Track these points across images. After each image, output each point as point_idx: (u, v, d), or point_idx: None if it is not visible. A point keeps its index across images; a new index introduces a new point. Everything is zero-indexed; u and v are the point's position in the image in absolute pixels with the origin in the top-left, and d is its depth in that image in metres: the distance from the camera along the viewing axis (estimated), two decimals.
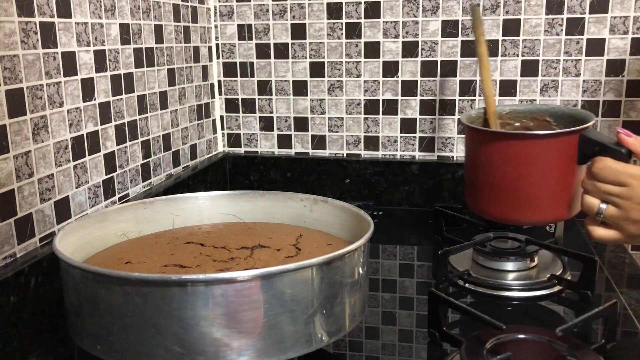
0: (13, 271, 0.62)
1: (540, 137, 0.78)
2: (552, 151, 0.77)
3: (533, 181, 0.77)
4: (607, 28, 1.02)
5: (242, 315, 0.50)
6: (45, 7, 0.70)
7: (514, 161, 0.78)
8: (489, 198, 0.81)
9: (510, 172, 0.78)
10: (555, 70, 1.05)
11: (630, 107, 1.04)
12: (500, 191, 0.79)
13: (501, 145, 0.79)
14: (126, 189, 0.88)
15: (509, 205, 0.80)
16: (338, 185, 1.15)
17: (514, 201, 0.79)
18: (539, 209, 0.79)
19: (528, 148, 0.77)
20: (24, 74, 0.67)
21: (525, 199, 0.78)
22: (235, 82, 1.18)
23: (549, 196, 0.78)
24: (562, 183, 0.78)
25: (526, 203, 0.78)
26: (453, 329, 0.66)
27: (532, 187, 0.78)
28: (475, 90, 1.09)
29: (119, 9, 0.85)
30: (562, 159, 0.77)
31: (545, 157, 0.76)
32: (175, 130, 1.03)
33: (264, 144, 1.20)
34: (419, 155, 1.14)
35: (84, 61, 0.77)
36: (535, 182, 0.77)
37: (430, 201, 1.11)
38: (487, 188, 0.81)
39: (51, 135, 0.72)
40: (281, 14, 1.13)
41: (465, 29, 1.07)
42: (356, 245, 0.57)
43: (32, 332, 0.65)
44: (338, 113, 1.15)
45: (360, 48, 1.11)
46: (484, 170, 0.81)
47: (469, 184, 0.86)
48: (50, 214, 0.72)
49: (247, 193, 0.76)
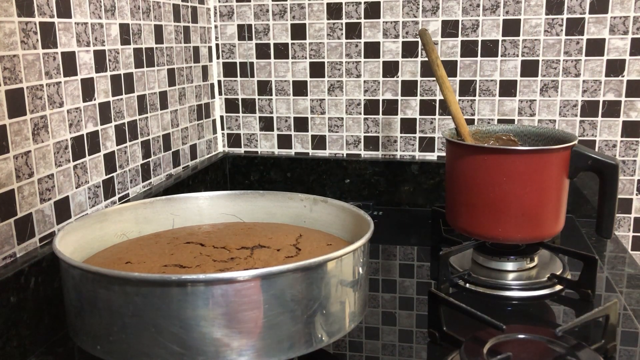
0: (13, 271, 0.62)
1: (531, 153, 0.77)
2: (546, 166, 0.76)
3: (527, 198, 0.76)
4: (607, 28, 1.02)
5: (242, 315, 0.50)
6: (45, 7, 0.70)
7: (516, 178, 0.76)
8: (474, 216, 0.80)
9: (504, 189, 0.77)
10: (555, 70, 1.05)
11: (630, 107, 1.04)
12: (485, 209, 0.78)
13: (488, 160, 0.77)
14: (126, 189, 0.88)
15: (499, 224, 0.78)
16: (338, 185, 1.15)
17: (506, 219, 0.77)
18: (537, 226, 0.78)
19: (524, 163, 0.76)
20: (24, 74, 0.67)
21: (522, 217, 0.77)
22: (235, 82, 1.18)
23: (544, 212, 0.78)
24: (555, 199, 0.78)
25: (522, 220, 0.77)
26: (453, 329, 0.66)
27: (525, 204, 0.76)
28: (475, 91, 1.09)
29: (119, 9, 0.85)
30: (555, 174, 0.77)
31: (541, 172, 0.76)
32: (175, 130, 1.03)
33: (264, 144, 1.20)
34: (419, 155, 1.14)
35: (84, 61, 0.77)
36: (530, 198, 0.76)
37: (430, 201, 1.11)
38: (471, 206, 0.79)
39: (51, 135, 0.72)
40: (281, 14, 1.13)
41: (465, 29, 1.07)
42: (356, 245, 0.57)
43: (32, 332, 0.65)
44: (338, 113, 1.15)
45: (360, 48, 1.11)
46: (467, 187, 0.80)
47: (453, 203, 0.83)
48: (50, 214, 0.72)
49: (247, 193, 0.76)
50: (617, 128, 1.05)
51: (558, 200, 0.78)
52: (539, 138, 0.87)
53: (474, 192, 0.79)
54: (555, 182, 0.77)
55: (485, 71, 1.08)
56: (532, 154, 0.76)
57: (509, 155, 0.76)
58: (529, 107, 1.08)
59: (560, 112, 1.07)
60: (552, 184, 0.77)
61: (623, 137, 1.06)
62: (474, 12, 1.06)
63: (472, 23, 1.06)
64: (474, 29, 1.06)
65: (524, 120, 1.09)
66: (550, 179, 0.77)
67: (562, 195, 0.79)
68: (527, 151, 0.77)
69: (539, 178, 0.76)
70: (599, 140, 1.06)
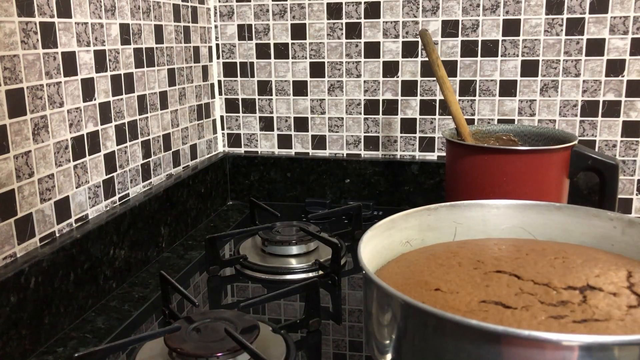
0: (13, 271, 0.62)
1: (531, 153, 0.77)
2: (546, 166, 0.76)
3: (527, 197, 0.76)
4: (607, 28, 1.02)
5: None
6: (45, 7, 0.70)
7: (516, 178, 0.77)
8: None
9: (504, 189, 0.77)
10: (555, 70, 1.05)
11: (630, 107, 1.04)
12: None
13: (488, 160, 0.77)
14: (126, 189, 0.88)
15: None
16: (338, 185, 1.15)
17: None
18: None
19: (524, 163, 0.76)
20: (24, 74, 0.67)
21: None
22: (235, 82, 1.18)
23: None
24: (555, 199, 0.78)
25: None
26: None
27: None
28: (475, 91, 1.09)
29: (119, 9, 0.85)
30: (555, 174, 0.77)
31: (541, 172, 0.76)
32: (175, 130, 1.03)
33: (264, 144, 1.20)
34: (419, 155, 1.14)
35: (84, 61, 0.77)
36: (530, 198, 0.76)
37: (430, 201, 1.11)
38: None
39: (51, 135, 0.72)
40: (281, 14, 1.13)
41: (465, 29, 1.07)
42: None
43: (32, 332, 0.65)
44: (338, 113, 1.15)
45: (360, 48, 1.11)
46: (467, 187, 0.80)
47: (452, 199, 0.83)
48: (50, 214, 0.72)
49: (540, 205, 0.67)
50: (617, 128, 1.05)
51: (558, 200, 0.78)
52: (539, 138, 0.87)
53: (474, 192, 0.79)
54: (555, 182, 0.77)
55: (485, 71, 1.08)
56: (532, 154, 0.76)
57: (509, 155, 0.76)
58: (529, 107, 1.08)
59: (560, 112, 1.07)
60: (552, 184, 0.77)
61: (623, 137, 1.06)
62: (474, 12, 1.06)
63: (472, 23, 1.06)
64: (474, 29, 1.06)
65: (524, 120, 1.09)
66: (550, 179, 0.77)
67: (562, 195, 0.79)
68: (527, 151, 0.77)
69: (539, 178, 0.76)
70: (599, 140, 1.06)
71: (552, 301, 0.50)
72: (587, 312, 0.48)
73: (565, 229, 0.65)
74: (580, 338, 0.38)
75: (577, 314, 0.48)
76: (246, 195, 1.19)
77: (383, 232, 0.61)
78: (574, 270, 0.55)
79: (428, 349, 0.43)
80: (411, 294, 0.50)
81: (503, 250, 0.61)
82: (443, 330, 0.41)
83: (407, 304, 0.43)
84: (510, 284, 0.53)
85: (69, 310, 0.71)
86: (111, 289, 0.80)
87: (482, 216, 0.67)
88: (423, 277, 0.55)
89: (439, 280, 0.54)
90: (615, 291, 0.51)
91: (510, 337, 0.38)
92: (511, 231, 0.67)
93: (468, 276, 0.54)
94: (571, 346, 0.38)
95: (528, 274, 0.55)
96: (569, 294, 0.51)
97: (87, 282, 0.74)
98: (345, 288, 0.81)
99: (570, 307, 0.49)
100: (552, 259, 0.58)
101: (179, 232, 0.99)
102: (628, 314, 0.47)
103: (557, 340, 0.38)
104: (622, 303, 0.49)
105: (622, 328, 0.44)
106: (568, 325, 0.45)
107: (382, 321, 0.47)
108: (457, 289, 0.52)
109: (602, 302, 0.49)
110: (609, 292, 0.51)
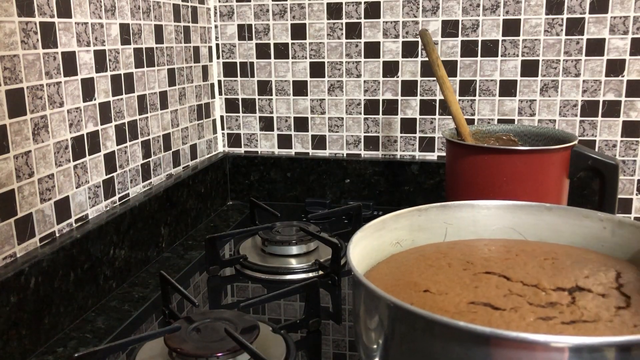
0: (13, 271, 0.62)
1: (531, 153, 0.77)
2: (546, 166, 0.76)
3: (527, 197, 0.76)
4: (607, 28, 1.02)
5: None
6: (45, 7, 0.70)
7: (516, 178, 0.77)
8: None
9: (504, 189, 0.77)
10: (555, 70, 1.06)
11: (630, 107, 1.04)
12: None
13: (488, 160, 0.77)
14: (126, 189, 0.88)
15: None
16: (338, 185, 1.15)
17: None
18: None
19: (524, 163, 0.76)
20: (24, 74, 0.67)
21: None
22: (235, 82, 1.18)
23: None
24: (555, 199, 0.78)
25: None
26: None
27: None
28: (475, 91, 1.09)
29: (119, 9, 0.85)
30: (555, 174, 0.77)
31: (541, 172, 0.76)
32: (175, 130, 1.03)
33: (264, 144, 1.20)
34: (419, 155, 1.14)
35: (84, 61, 0.77)
36: (530, 198, 0.76)
37: (430, 201, 1.10)
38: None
39: (51, 135, 0.72)
40: (281, 14, 1.13)
41: (465, 29, 1.07)
42: None
43: (32, 332, 0.65)
44: (338, 113, 1.15)
45: (360, 48, 1.11)
46: (467, 187, 0.80)
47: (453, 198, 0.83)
48: (50, 214, 0.72)
49: (530, 205, 0.66)
50: (617, 128, 1.05)
51: (558, 201, 0.78)
52: (539, 138, 0.87)
53: (474, 192, 0.79)
54: (555, 182, 0.77)
55: (485, 71, 1.08)
56: (532, 154, 0.76)
57: (509, 155, 0.76)
58: (529, 107, 1.08)
59: (560, 112, 1.07)
60: (552, 184, 0.77)
61: (623, 137, 1.06)
62: (474, 12, 1.06)
63: (472, 23, 1.06)
64: (474, 29, 1.06)
65: (524, 120, 1.09)
66: (550, 179, 0.77)
67: (562, 195, 0.79)
68: (527, 151, 0.77)
69: (539, 178, 0.76)
70: (599, 140, 1.06)
71: (541, 302, 0.50)
72: (575, 313, 0.48)
73: (555, 230, 0.65)
74: (569, 339, 0.38)
75: (565, 315, 0.48)
76: (246, 195, 1.19)
77: (373, 232, 0.61)
78: (563, 271, 0.55)
79: (416, 351, 0.42)
80: (400, 296, 0.50)
81: (493, 251, 0.61)
82: (431, 332, 0.41)
83: (395, 306, 0.43)
84: (499, 285, 0.53)
85: (69, 310, 0.71)
86: (111, 289, 0.80)
87: (473, 217, 0.67)
88: (412, 278, 0.54)
89: (428, 282, 0.53)
90: (604, 292, 0.51)
91: (498, 338, 0.38)
92: (502, 232, 0.67)
93: (457, 277, 0.54)
94: (560, 347, 0.38)
95: (517, 275, 0.54)
96: (557, 295, 0.51)
97: (87, 282, 0.74)
98: (345, 288, 0.81)
99: (559, 309, 0.49)
100: (541, 260, 0.58)
101: (179, 232, 0.99)
102: (616, 315, 0.47)
103: (545, 342, 0.38)
104: (611, 304, 0.49)
105: (611, 329, 0.44)
106: (556, 327, 0.45)
107: (369, 324, 0.47)
108: (446, 290, 0.51)
109: (590, 303, 0.49)
110: (598, 293, 0.51)
